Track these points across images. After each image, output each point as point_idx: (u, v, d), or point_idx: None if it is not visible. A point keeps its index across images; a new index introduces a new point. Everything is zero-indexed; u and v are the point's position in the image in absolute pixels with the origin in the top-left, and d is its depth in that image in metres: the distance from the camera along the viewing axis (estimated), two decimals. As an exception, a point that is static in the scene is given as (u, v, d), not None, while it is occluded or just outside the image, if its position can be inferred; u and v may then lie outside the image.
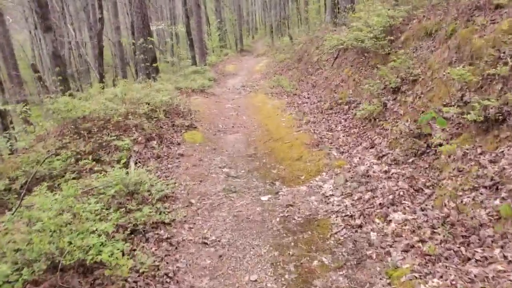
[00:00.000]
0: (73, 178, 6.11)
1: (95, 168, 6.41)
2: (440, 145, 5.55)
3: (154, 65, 14.07)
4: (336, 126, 7.56)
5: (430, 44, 7.07)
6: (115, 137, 7.15)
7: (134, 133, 7.51)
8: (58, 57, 11.90)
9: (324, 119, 8.05)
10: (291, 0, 36.38)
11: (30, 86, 28.39)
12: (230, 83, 17.45)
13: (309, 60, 16.16)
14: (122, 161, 6.67)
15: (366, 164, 6.08)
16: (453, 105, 5.68)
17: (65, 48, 25.44)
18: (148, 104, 8.34)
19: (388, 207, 5.01)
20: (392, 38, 8.08)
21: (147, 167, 6.59)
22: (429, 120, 5.46)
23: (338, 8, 17.29)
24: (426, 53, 6.99)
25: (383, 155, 6.13)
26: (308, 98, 9.89)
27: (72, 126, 7.52)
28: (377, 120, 6.92)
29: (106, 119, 7.52)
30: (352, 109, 7.94)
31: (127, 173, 5.83)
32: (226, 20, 35.20)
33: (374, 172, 5.85)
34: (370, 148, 6.48)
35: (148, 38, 13.75)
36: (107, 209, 4.98)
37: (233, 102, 11.32)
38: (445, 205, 4.67)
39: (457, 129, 5.51)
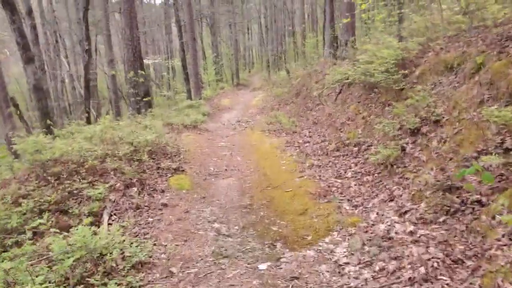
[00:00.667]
0: (30, 239, 4.93)
1: (61, 223, 5.25)
2: (479, 202, 4.44)
3: (146, 99, 13.06)
4: (345, 172, 6.44)
5: (452, 79, 6.06)
6: (88, 184, 6.00)
7: (112, 178, 6.36)
8: (40, 89, 10.86)
9: (330, 163, 6.94)
10: (288, 35, 36.06)
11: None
12: (225, 117, 16.45)
13: (308, 94, 15.23)
14: (94, 214, 5.51)
15: (386, 223, 4.93)
16: (491, 153, 4.61)
17: (57, 81, 24.54)
18: (131, 144, 7.23)
19: (421, 284, 3.84)
20: (406, 72, 7.09)
21: (123, 221, 5.42)
22: (470, 174, 4.38)
23: (338, 42, 16.55)
24: (449, 90, 5.98)
25: (406, 211, 4.99)
26: (310, 137, 8.82)
27: (40, 170, 6.37)
28: (394, 166, 5.82)
29: (79, 162, 6.38)
30: (363, 152, 6.86)
31: (95, 233, 4.65)
32: (223, 54, 34.68)
33: (397, 233, 4.70)
34: (389, 201, 5.34)
35: (140, 71, 12.79)
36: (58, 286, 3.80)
37: (227, 139, 10.24)
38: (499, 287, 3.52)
39: (500, 181, 4.42)
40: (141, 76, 15.19)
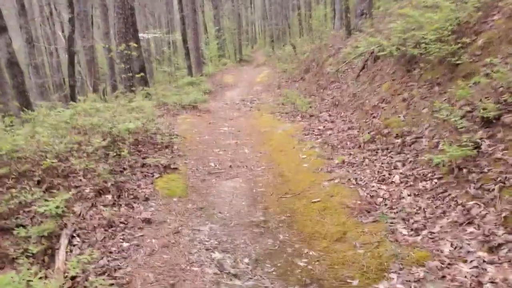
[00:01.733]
0: None
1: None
2: None
3: (140, 75, 11.16)
4: (390, 174, 4.64)
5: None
6: (44, 192, 4.25)
7: (80, 181, 4.60)
8: (14, 64, 9.02)
9: (367, 160, 5.12)
10: (292, 9, 33.68)
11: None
12: (228, 96, 14.57)
13: (319, 71, 13.29)
14: (48, 236, 3.78)
15: (471, 262, 3.19)
16: None
17: (53, 56, 22.47)
18: (109, 133, 5.42)
19: None
20: (466, 41, 5.20)
21: (88, 247, 3.69)
22: None
23: (351, 13, 14.47)
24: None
25: (500, 245, 3.24)
26: (332, 122, 6.99)
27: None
28: (464, 170, 4.02)
29: (36, 160, 4.60)
30: (409, 146, 5.04)
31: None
32: (225, 29, 32.39)
33: (493, 282, 2.96)
34: (466, 224, 3.57)
35: (133, 44, 10.86)
36: None
37: (231, 123, 8.41)
38: None
39: None
40: (135, 49, 13.25)
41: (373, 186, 4.50)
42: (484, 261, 3.14)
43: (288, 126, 7.07)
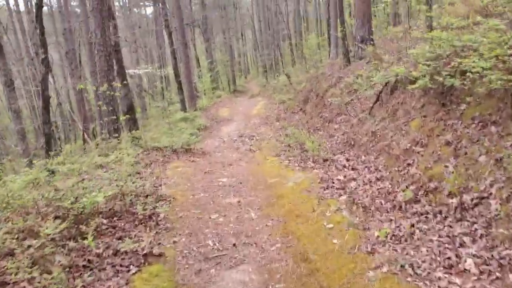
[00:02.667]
0: None
1: None
2: None
3: (122, 119, 9.77)
4: (459, 257, 3.20)
5: None
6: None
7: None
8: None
9: (417, 231, 3.67)
10: (283, 38, 32.88)
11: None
12: (225, 131, 13.19)
13: (320, 102, 11.99)
14: None
15: None
16: None
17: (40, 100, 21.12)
18: (71, 210, 3.95)
19: None
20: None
21: None
22: None
23: (348, 40, 13.33)
24: None
25: None
26: (354, 169, 5.57)
27: None
28: None
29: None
30: (472, 209, 3.61)
31: None
32: (218, 61, 31.39)
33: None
34: None
35: (116, 84, 9.51)
36: None
37: (231, 171, 6.96)
38: None
39: None
40: (123, 88, 11.93)
41: (439, 279, 3.03)
42: None
43: (300, 176, 5.64)
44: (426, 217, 3.89)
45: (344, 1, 15.52)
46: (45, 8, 28.96)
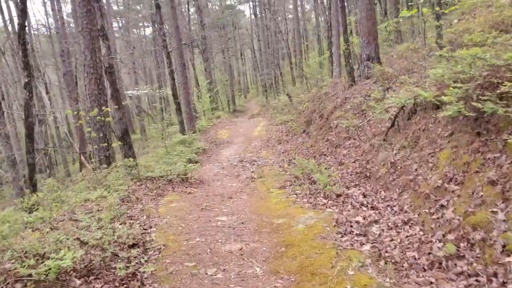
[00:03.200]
0: None
1: None
2: None
3: (115, 145, 8.97)
4: None
5: None
6: None
7: None
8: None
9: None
10: (282, 57, 32.41)
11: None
12: (224, 155, 12.40)
13: (325, 124, 11.23)
14: None
15: None
16: None
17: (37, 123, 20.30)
18: (29, 277, 3.09)
19: None
20: None
21: None
22: None
23: (353, 58, 12.69)
24: None
25: None
26: (374, 208, 4.74)
27: None
28: None
29: None
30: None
31: None
32: (217, 81, 30.83)
33: None
34: None
35: (105, 109, 8.75)
36: None
37: (231, 207, 6.11)
38: None
39: None
40: (117, 112, 11.20)
41: None
42: None
43: (311, 216, 4.81)
44: (477, 280, 3.05)
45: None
46: (43, 29, 28.45)
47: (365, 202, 4.95)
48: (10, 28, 22.67)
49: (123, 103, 25.91)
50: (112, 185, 6.67)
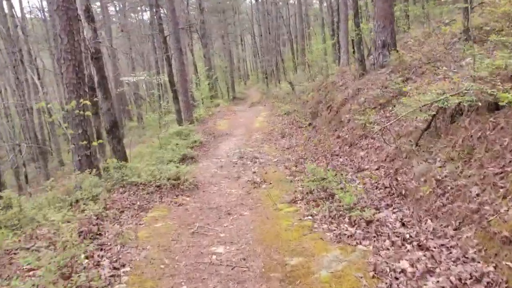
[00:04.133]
0: None
1: None
2: None
3: (95, 144, 7.53)
4: None
5: None
6: None
7: None
8: None
9: None
10: (283, 44, 30.73)
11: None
12: (223, 150, 11.03)
13: (334, 117, 9.82)
14: None
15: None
16: None
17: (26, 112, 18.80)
18: None
19: None
20: None
21: None
22: None
23: (361, 48, 11.23)
24: None
25: None
26: (424, 249, 3.37)
27: None
28: None
29: None
30: None
31: None
32: (216, 67, 29.21)
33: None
34: None
35: (85, 102, 7.30)
36: None
37: (229, 228, 4.77)
38: None
39: None
40: (105, 101, 9.95)
41: None
42: None
43: (338, 258, 3.45)
44: None
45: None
46: (38, 13, 26.68)
47: (407, 236, 3.60)
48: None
49: (119, 89, 24.32)
50: (86, 197, 5.33)
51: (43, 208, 4.79)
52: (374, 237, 3.72)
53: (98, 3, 28.33)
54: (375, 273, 3.10)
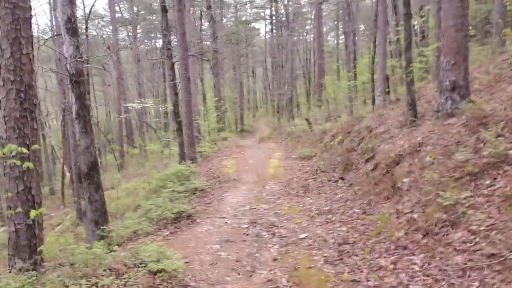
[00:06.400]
0: None
1: None
2: None
3: (35, 212, 4.65)
4: None
5: None
6: None
7: None
8: None
9: None
10: (294, 79, 28.30)
11: None
12: (229, 204, 8.17)
13: (383, 177, 6.93)
14: None
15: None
16: None
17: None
18: None
19: None
20: None
21: None
22: None
23: (411, 89, 8.54)
24: None
25: None
26: None
27: None
28: None
29: None
30: None
31: None
32: (226, 98, 26.74)
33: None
34: None
35: (34, 142, 4.48)
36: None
37: None
38: None
39: None
40: (84, 138, 7.31)
41: None
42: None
43: None
44: None
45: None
46: (49, 33, 24.49)
47: None
48: None
49: (122, 115, 21.52)
50: None
51: None
52: None
53: (110, 27, 26.29)
54: None
